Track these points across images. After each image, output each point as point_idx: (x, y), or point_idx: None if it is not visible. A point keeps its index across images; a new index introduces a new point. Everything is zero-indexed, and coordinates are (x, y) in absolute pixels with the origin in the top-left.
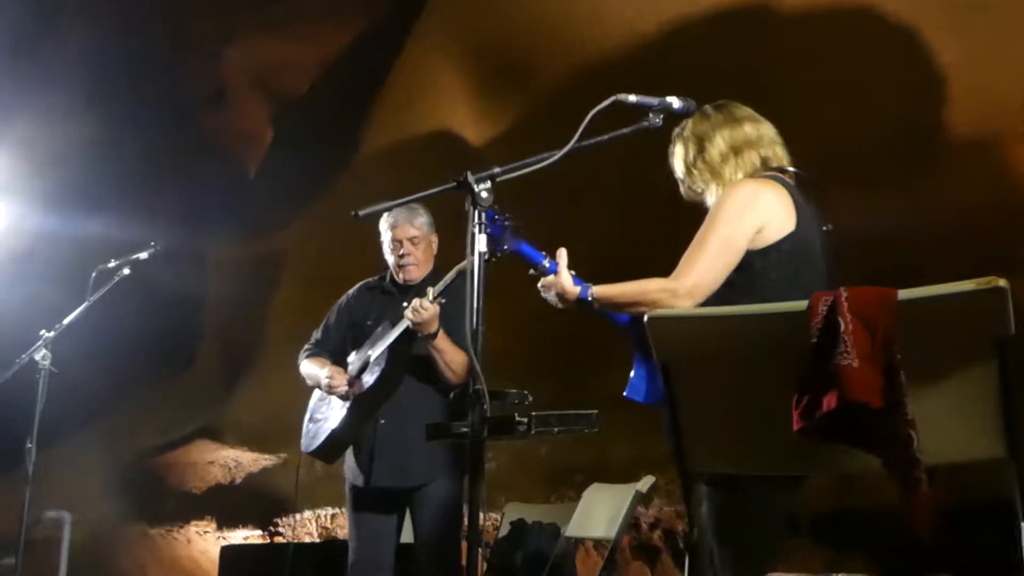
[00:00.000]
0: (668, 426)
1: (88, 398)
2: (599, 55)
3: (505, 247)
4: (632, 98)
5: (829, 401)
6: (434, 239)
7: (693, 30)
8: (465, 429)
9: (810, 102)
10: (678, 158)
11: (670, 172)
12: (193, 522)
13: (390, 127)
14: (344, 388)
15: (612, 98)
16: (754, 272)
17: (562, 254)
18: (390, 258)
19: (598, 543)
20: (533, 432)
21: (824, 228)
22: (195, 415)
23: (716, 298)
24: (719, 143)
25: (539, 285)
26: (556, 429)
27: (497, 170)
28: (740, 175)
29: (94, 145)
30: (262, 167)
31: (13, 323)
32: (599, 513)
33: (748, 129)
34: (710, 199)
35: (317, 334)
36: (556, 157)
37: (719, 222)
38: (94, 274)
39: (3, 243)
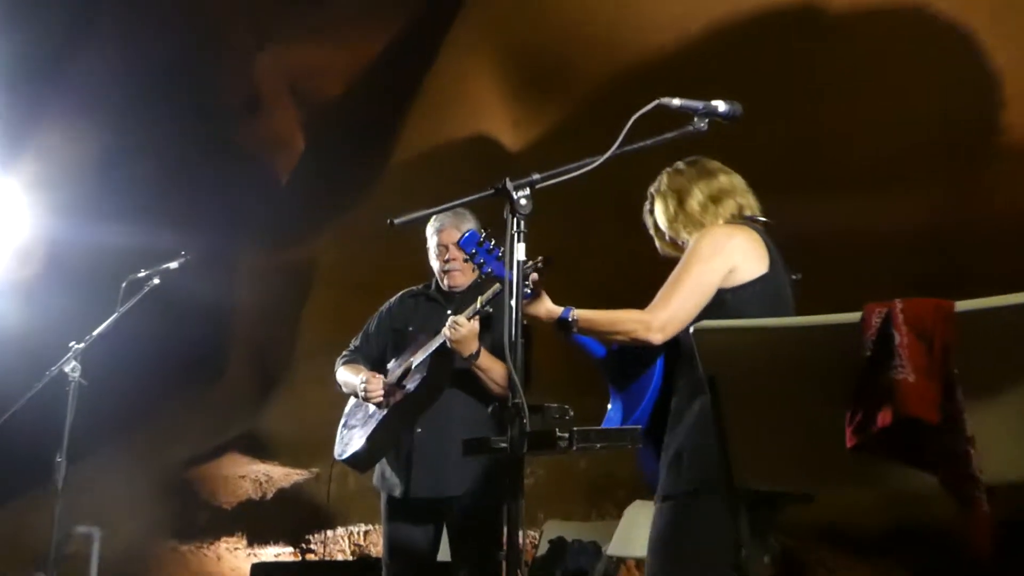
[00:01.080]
0: (644, 455)
1: (118, 410)
2: (640, 57)
3: (489, 270)
4: (676, 102)
5: (884, 417)
6: None
7: (739, 31)
8: (504, 444)
9: (861, 103)
10: (659, 214)
11: (645, 228)
12: (223, 538)
13: (425, 133)
14: (380, 394)
15: (655, 102)
16: (727, 309)
17: (534, 278)
18: (435, 264)
19: (641, 562)
20: (575, 448)
21: (794, 277)
22: (226, 427)
23: (687, 334)
24: (697, 195)
25: (524, 310)
26: (598, 445)
27: (536, 176)
28: (720, 222)
29: (124, 153)
30: (294, 174)
31: (43, 335)
32: (642, 531)
33: (723, 179)
34: (690, 242)
35: (356, 341)
36: (597, 163)
37: (692, 262)
38: (124, 284)
39: (33, 253)
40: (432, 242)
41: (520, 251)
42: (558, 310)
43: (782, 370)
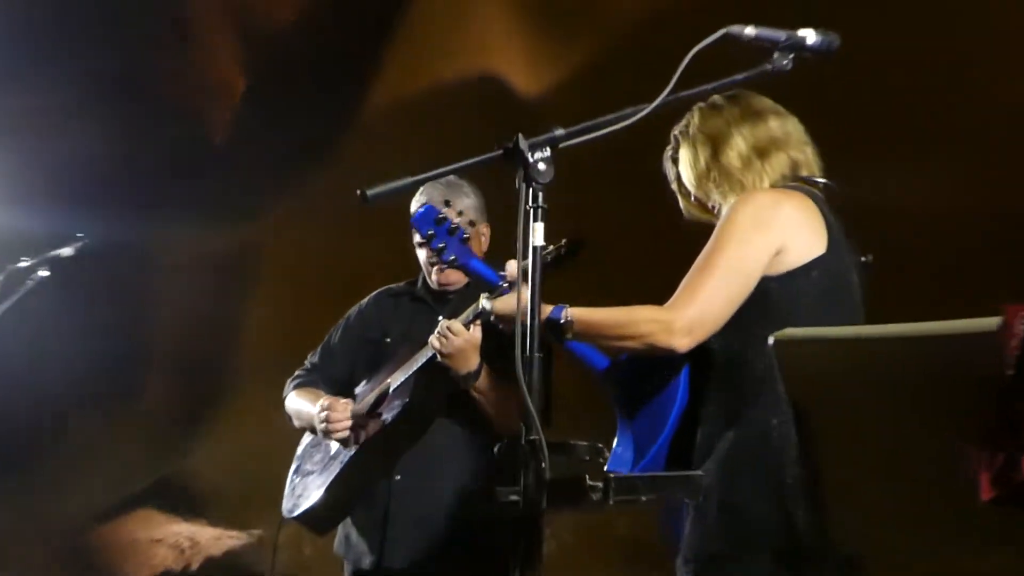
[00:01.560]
0: (671, 513)
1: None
2: None
3: (452, 257)
4: (750, 31)
5: None
6: (484, 229)
7: None
8: (515, 497)
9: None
10: (685, 165)
11: (667, 182)
12: None
13: (409, 73)
14: (346, 428)
15: (722, 31)
16: (771, 304)
17: (511, 268)
18: (421, 254)
19: None
20: (612, 501)
21: (863, 259)
22: (137, 472)
23: (721, 338)
24: (739, 143)
25: (494, 309)
26: (644, 497)
27: (560, 132)
28: (766, 183)
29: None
30: (232, 130)
31: None
32: None
33: (774, 125)
34: (724, 210)
35: (314, 357)
36: (642, 113)
37: (727, 240)
38: (1, 276)
39: None
40: None
41: (538, 233)
42: (547, 307)
43: (895, 396)
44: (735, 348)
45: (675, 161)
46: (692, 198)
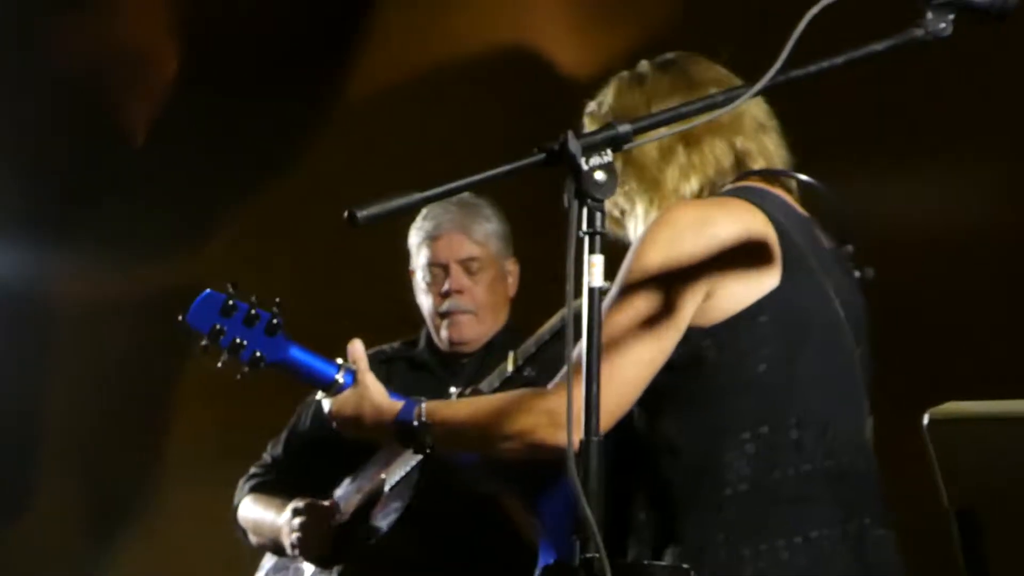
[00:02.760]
0: None
1: None
2: None
3: (257, 355)
4: None
5: None
6: (511, 266)
7: None
8: None
9: None
10: None
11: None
12: None
13: (415, 43)
14: (325, 544)
15: None
16: (708, 368)
17: (356, 349)
18: (425, 301)
19: None
20: None
21: (857, 274)
22: None
23: (643, 412)
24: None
25: (329, 412)
26: None
27: (625, 128)
28: (693, 182)
29: None
30: (161, 124)
31: None
32: None
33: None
34: (632, 230)
35: (275, 448)
36: (741, 100)
37: (633, 285)
38: None
39: None
40: (420, 258)
41: (596, 270)
42: (395, 404)
43: None
44: (665, 436)
45: None
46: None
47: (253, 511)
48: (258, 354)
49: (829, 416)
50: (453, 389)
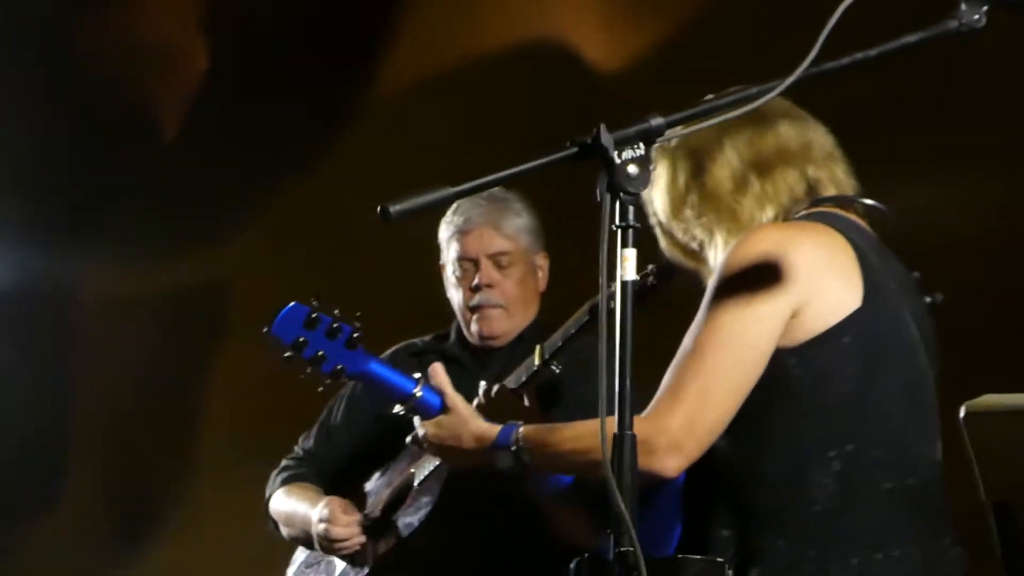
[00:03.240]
0: None
1: None
2: None
3: (339, 367)
4: None
5: None
6: (542, 260)
7: None
8: None
9: None
10: (660, 186)
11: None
12: None
13: (443, 39)
14: (355, 541)
15: None
16: (793, 387)
17: (438, 373)
18: (455, 295)
19: None
20: None
21: (928, 299)
22: None
23: (729, 439)
24: (729, 156)
25: (425, 436)
26: None
27: (658, 121)
28: (768, 211)
29: None
30: (191, 121)
31: None
32: None
33: (786, 132)
34: (713, 260)
35: (306, 441)
36: (773, 93)
37: (720, 308)
38: None
39: None
40: (451, 252)
41: (628, 264)
42: (492, 428)
43: None
44: (747, 455)
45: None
46: (675, 237)
47: (285, 504)
48: (339, 367)
49: (907, 436)
50: (483, 383)
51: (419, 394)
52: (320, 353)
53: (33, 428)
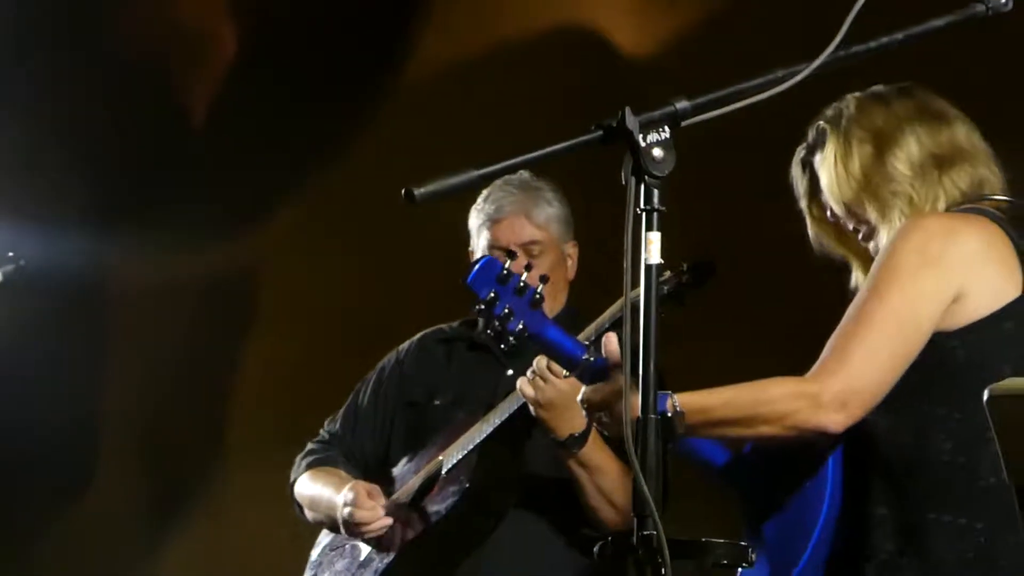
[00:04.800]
0: None
1: None
2: None
3: (521, 326)
4: None
5: None
6: (571, 249)
7: None
8: None
9: None
10: (831, 165)
11: (796, 191)
12: None
13: (471, 25)
14: (381, 526)
15: None
16: (951, 365)
17: (612, 341)
18: None
19: None
20: None
21: None
22: None
23: (887, 416)
24: (911, 145)
25: (580, 399)
26: None
27: (683, 105)
28: (941, 202)
29: None
30: (218, 109)
31: None
32: None
33: (960, 132)
34: (882, 239)
35: (333, 425)
36: (800, 76)
37: (890, 281)
38: None
39: None
40: (481, 239)
41: (653, 247)
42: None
43: None
44: (911, 435)
45: (807, 165)
46: (830, 216)
47: (310, 487)
48: (522, 326)
49: None
50: (510, 372)
51: (591, 359)
52: (507, 310)
53: (70, 413)
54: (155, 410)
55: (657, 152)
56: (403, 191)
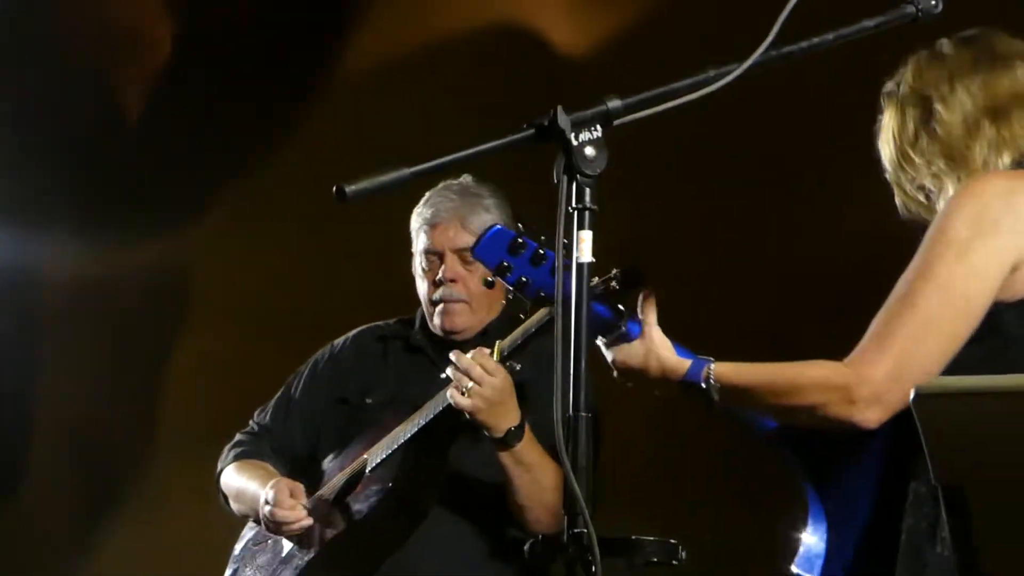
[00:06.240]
0: None
1: None
2: None
3: (542, 293)
4: None
5: None
6: None
7: None
8: None
9: None
10: (887, 135)
11: (880, 162)
12: None
13: (406, 21)
14: (301, 525)
15: None
16: (1009, 340)
17: (649, 305)
18: (421, 287)
19: None
20: None
21: None
22: None
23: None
24: (962, 99)
25: (613, 361)
26: None
27: (615, 104)
28: (1005, 157)
29: None
30: (152, 102)
31: None
32: None
33: (1023, 75)
34: (940, 207)
35: (263, 416)
36: (730, 77)
37: (939, 254)
38: None
39: None
40: (419, 243)
41: (585, 245)
42: (683, 363)
43: None
44: None
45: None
46: (906, 187)
47: (236, 479)
48: (543, 293)
49: None
50: (444, 375)
51: (624, 328)
52: (523, 279)
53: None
54: (87, 407)
55: (589, 151)
56: (334, 188)
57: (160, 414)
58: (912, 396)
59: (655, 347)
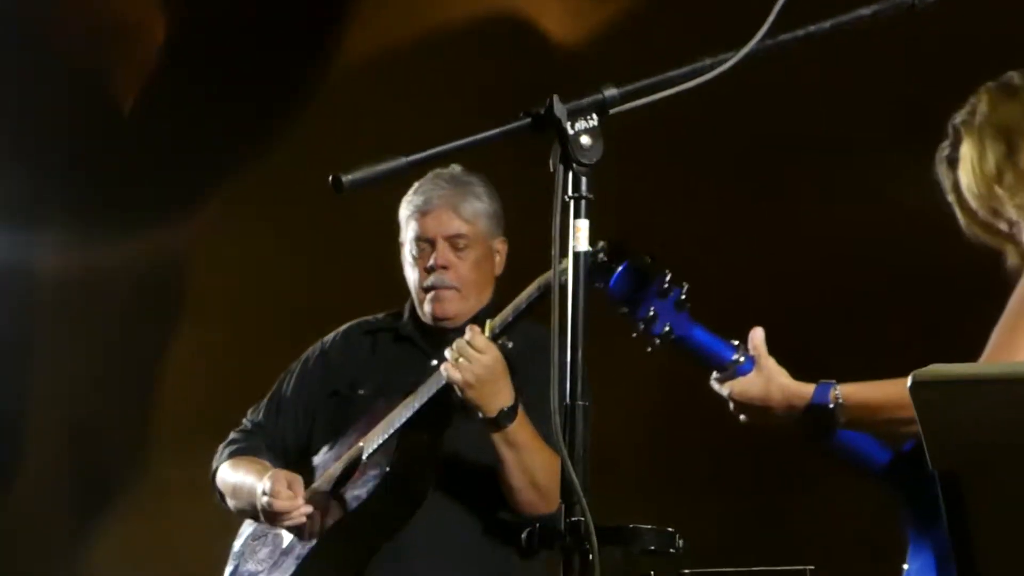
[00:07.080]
0: None
1: None
2: None
3: (667, 329)
4: None
5: None
6: (500, 245)
7: None
8: None
9: None
10: (968, 166)
11: (942, 193)
12: None
13: (400, 13)
14: (300, 513)
15: None
16: None
17: (757, 335)
18: (411, 275)
19: None
20: None
21: None
22: None
23: None
24: None
25: (731, 395)
26: None
27: (612, 92)
28: None
29: None
30: (145, 96)
31: None
32: None
33: None
34: None
35: (256, 414)
36: (726, 65)
37: None
38: None
39: None
40: (409, 231)
41: (581, 234)
42: (806, 387)
43: None
44: None
45: (952, 162)
46: (978, 215)
47: (232, 476)
48: (667, 328)
49: None
50: (434, 362)
51: (741, 360)
52: (652, 313)
53: None
54: (83, 403)
55: (585, 140)
56: (330, 178)
57: (155, 410)
58: (908, 384)
59: (773, 375)
